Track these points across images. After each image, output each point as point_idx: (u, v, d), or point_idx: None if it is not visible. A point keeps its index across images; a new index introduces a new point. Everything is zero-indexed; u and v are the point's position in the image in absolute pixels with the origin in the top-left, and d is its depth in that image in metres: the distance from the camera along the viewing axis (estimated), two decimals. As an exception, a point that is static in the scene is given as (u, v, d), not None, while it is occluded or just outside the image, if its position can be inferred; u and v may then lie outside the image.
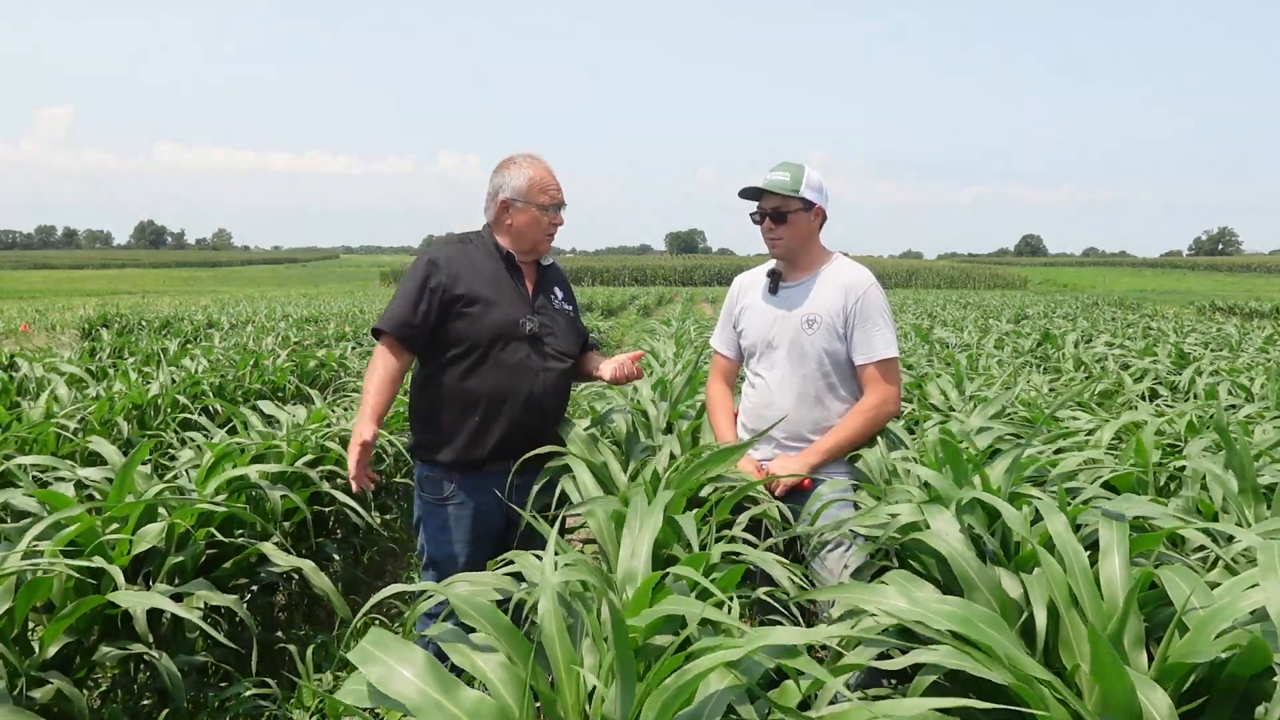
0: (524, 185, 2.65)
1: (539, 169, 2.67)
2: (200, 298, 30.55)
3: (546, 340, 2.66)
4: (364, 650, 1.44)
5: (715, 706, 1.33)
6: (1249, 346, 9.02)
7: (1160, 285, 52.52)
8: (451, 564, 2.63)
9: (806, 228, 2.62)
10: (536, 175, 2.65)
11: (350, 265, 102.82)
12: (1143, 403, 4.76)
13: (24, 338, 15.02)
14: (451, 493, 2.63)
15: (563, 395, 2.75)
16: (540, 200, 2.65)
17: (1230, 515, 2.32)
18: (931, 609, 1.55)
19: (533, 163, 2.68)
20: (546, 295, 2.76)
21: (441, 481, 2.64)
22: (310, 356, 7.83)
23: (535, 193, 2.64)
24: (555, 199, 2.68)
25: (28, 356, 6.42)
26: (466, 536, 2.64)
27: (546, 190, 2.66)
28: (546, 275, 2.81)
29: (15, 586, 2.03)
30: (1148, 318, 16.69)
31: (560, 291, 2.83)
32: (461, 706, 1.36)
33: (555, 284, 2.83)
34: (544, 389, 2.64)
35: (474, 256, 2.68)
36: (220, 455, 2.97)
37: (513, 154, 2.72)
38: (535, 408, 2.63)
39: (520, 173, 2.66)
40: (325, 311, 18.60)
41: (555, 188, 2.68)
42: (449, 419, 2.62)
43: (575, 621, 1.66)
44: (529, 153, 2.72)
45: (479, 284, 2.61)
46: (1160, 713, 1.36)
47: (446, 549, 2.65)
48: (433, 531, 2.67)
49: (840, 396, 2.63)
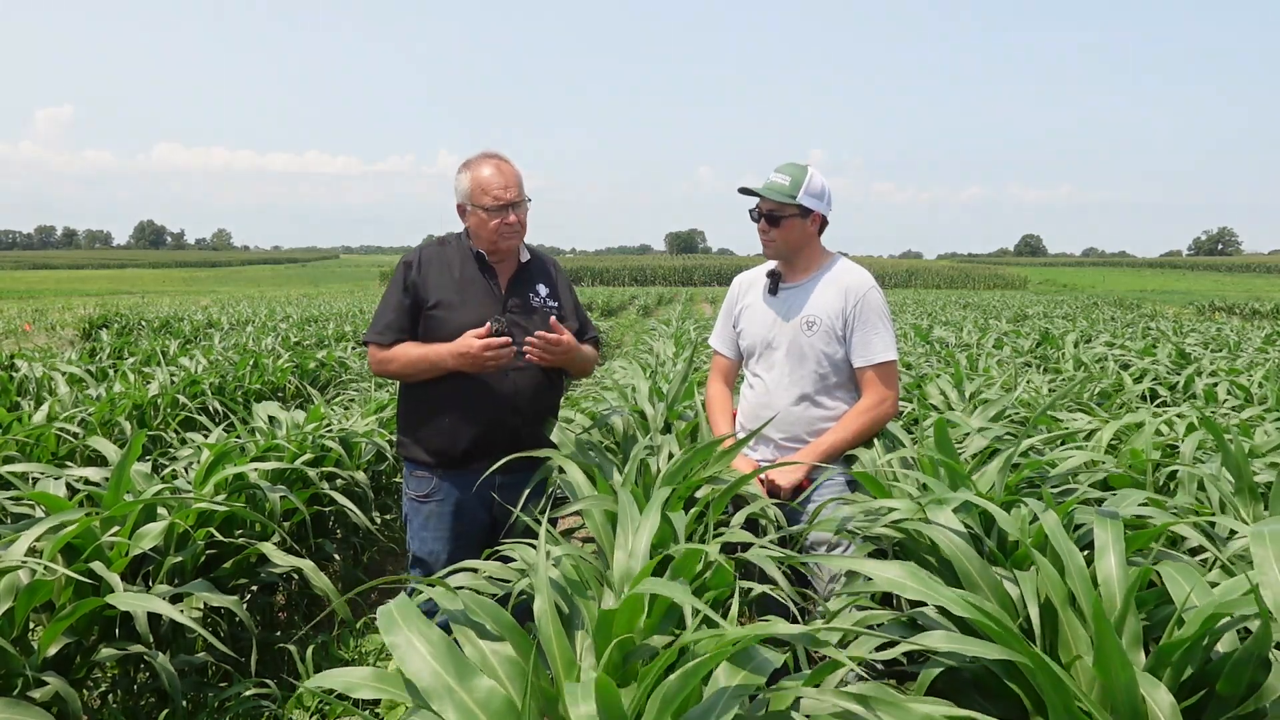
0: (468, 188, 2.61)
1: (483, 170, 2.60)
2: (200, 298, 30.55)
3: (517, 339, 2.60)
4: (389, 615, 1.43)
5: (726, 705, 1.33)
6: (1248, 347, 9.03)
7: (1160, 285, 52.53)
8: (434, 561, 2.65)
9: (801, 233, 2.62)
10: (479, 177, 2.60)
11: (350, 265, 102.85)
12: (1142, 403, 4.77)
13: (25, 337, 15.03)
14: (433, 489, 2.66)
15: (543, 394, 2.71)
16: (484, 202, 2.58)
17: (1228, 516, 2.33)
18: (933, 587, 1.55)
19: (481, 164, 2.62)
20: (523, 293, 2.72)
21: (424, 479, 2.68)
22: (310, 356, 7.84)
23: (478, 195, 2.59)
24: (500, 199, 2.57)
25: (28, 356, 6.42)
26: (449, 534, 2.65)
27: (489, 191, 2.57)
28: (526, 272, 2.75)
29: (14, 590, 2.03)
30: (1147, 318, 16.70)
31: (544, 288, 2.76)
32: (474, 694, 1.35)
33: (539, 280, 2.77)
34: (516, 388, 2.63)
35: (449, 258, 2.69)
36: (220, 454, 2.97)
37: (472, 155, 2.67)
38: (511, 408, 2.62)
39: (465, 175, 2.62)
40: (325, 312, 18.60)
41: (500, 186, 2.57)
42: (427, 418, 2.65)
43: (574, 615, 1.66)
44: (485, 151, 2.66)
45: (447, 286, 2.63)
46: (1162, 708, 1.36)
47: (429, 546, 2.67)
48: (416, 529, 2.70)
49: (838, 398, 2.63)
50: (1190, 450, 2.86)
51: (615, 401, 3.67)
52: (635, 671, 1.50)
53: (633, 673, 1.50)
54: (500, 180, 2.59)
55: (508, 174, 2.61)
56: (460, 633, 1.54)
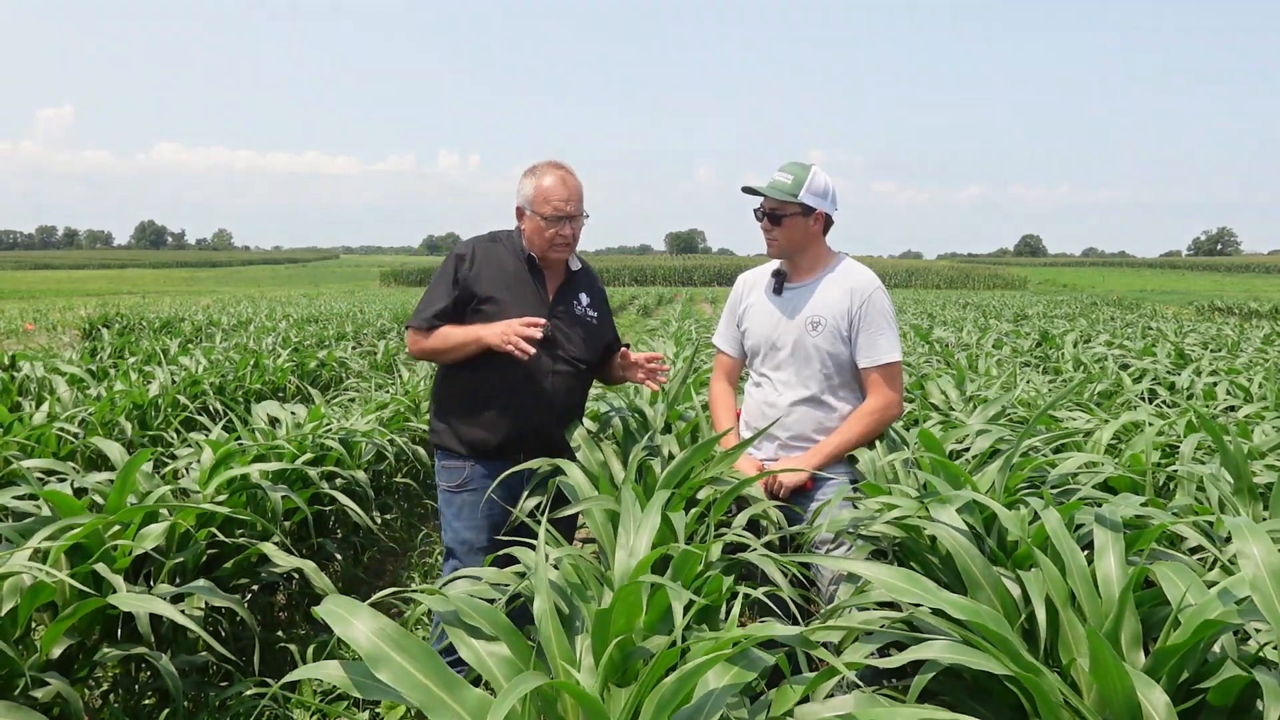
0: (531, 194, 2.67)
1: (549, 179, 2.66)
2: (201, 298, 30.55)
3: (560, 344, 2.72)
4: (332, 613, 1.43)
5: (714, 704, 1.34)
6: (1247, 347, 9.03)
7: (1159, 285, 52.53)
8: (467, 551, 2.70)
9: (804, 232, 2.62)
10: (544, 185, 2.65)
11: (350, 265, 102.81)
12: (1142, 403, 4.78)
13: (27, 337, 15.04)
14: (467, 479, 2.71)
15: (574, 397, 2.82)
16: (544, 211, 2.64)
17: (1227, 515, 2.33)
18: (933, 592, 1.56)
19: (547, 172, 2.68)
20: (568, 300, 2.80)
21: (456, 470, 2.73)
22: (311, 356, 7.85)
23: (539, 203, 2.65)
24: (560, 210, 2.64)
25: (29, 356, 6.42)
26: (483, 523, 2.70)
27: (550, 201, 2.64)
28: (573, 280, 2.84)
29: (18, 590, 2.04)
30: (1147, 318, 16.70)
31: (586, 297, 2.85)
32: (465, 705, 1.35)
33: (583, 290, 2.86)
34: (554, 389, 2.72)
35: (501, 255, 2.74)
36: (222, 455, 2.98)
37: (540, 160, 2.74)
38: (546, 406, 2.72)
39: (530, 181, 2.69)
40: (326, 312, 18.60)
41: (562, 199, 2.64)
42: (465, 409, 2.71)
43: (575, 616, 1.67)
44: (553, 161, 2.73)
45: (499, 283, 2.69)
46: (1158, 711, 1.36)
47: (463, 535, 2.72)
48: (449, 519, 2.75)
49: (843, 398, 2.63)
50: (1189, 450, 2.86)
51: (616, 401, 3.67)
52: (636, 671, 1.50)
53: (633, 673, 1.51)
54: (564, 192, 2.65)
55: (572, 187, 2.67)
56: (455, 635, 1.54)
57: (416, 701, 1.33)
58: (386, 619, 1.43)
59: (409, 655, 1.37)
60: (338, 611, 1.43)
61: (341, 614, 1.43)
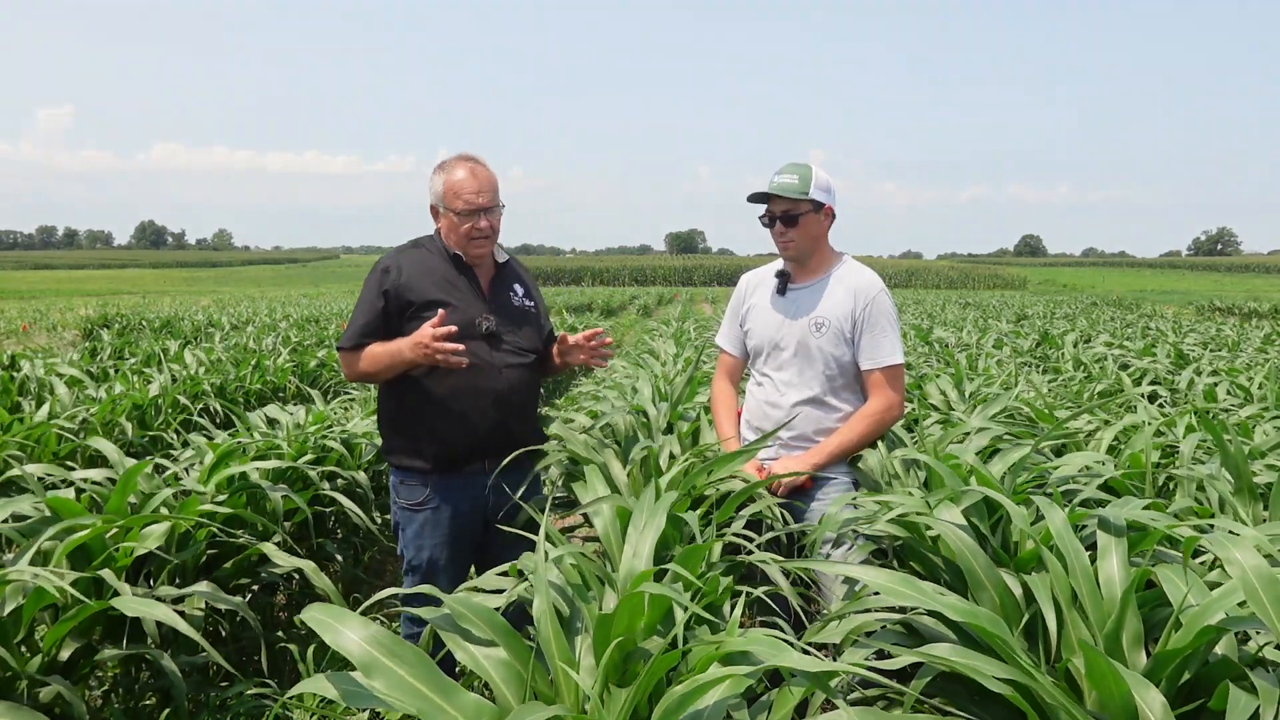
0: (441, 190, 2.57)
1: (459, 173, 2.55)
2: (201, 298, 30.54)
3: (506, 338, 2.62)
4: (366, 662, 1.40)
5: (714, 710, 1.34)
6: (1247, 347, 9.03)
7: (1159, 285, 52.51)
8: (431, 568, 2.61)
9: (818, 228, 2.63)
10: (454, 180, 2.54)
11: (350, 265, 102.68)
12: (1142, 403, 4.77)
13: (25, 337, 15.03)
14: (428, 497, 2.61)
15: (530, 391, 2.73)
16: (455, 206, 2.54)
17: (1227, 516, 2.33)
18: (930, 595, 1.55)
19: (456, 166, 2.56)
20: (504, 293, 2.71)
21: (417, 486, 2.62)
22: (311, 355, 7.84)
23: (450, 198, 2.55)
24: (472, 204, 2.52)
25: (29, 356, 6.42)
26: (444, 540, 2.61)
27: (461, 195, 2.52)
28: (504, 272, 2.75)
29: (21, 592, 2.04)
30: (1147, 318, 16.69)
31: (520, 288, 2.77)
32: (463, 711, 1.35)
33: (515, 280, 2.77)
34: (509, 386, 2.62)
35: (426, 260, 2.63)
36: (222, 455, 2.98)
37: (446, 156, 2.62)
38: (503, 405, 2.61)
39: (440, 177, 2.58)
40: (326, 312, 18.59)
41: (473, 191, 2.52)
42: (419, 423, 2.59)
43: (575, 617, 1.67)
44: (463, 154, 2.60)
45: (431, 287, 2.57)
46: (1154, 712, 1.37)
47: (425, 554, 2.62)
48: (410, 537, 2.65)
49: (845, 399, 2.63)
50: (1189, 451, 2.86)
51: (617, 401, 3.67)
52: (636, 672, 1.50)
53: (633, 673, 1.51)
54: (474, 185, 2.53)
55: (482, 178, 2.55)
56: (450, 640, 1.54)
57: (413, 708, 1.32)
58: (377, 625, 1.42)
59: (403, 662, 1.36)
60: (325, 620, 1.42)
61: (330, 622, 1.41)
